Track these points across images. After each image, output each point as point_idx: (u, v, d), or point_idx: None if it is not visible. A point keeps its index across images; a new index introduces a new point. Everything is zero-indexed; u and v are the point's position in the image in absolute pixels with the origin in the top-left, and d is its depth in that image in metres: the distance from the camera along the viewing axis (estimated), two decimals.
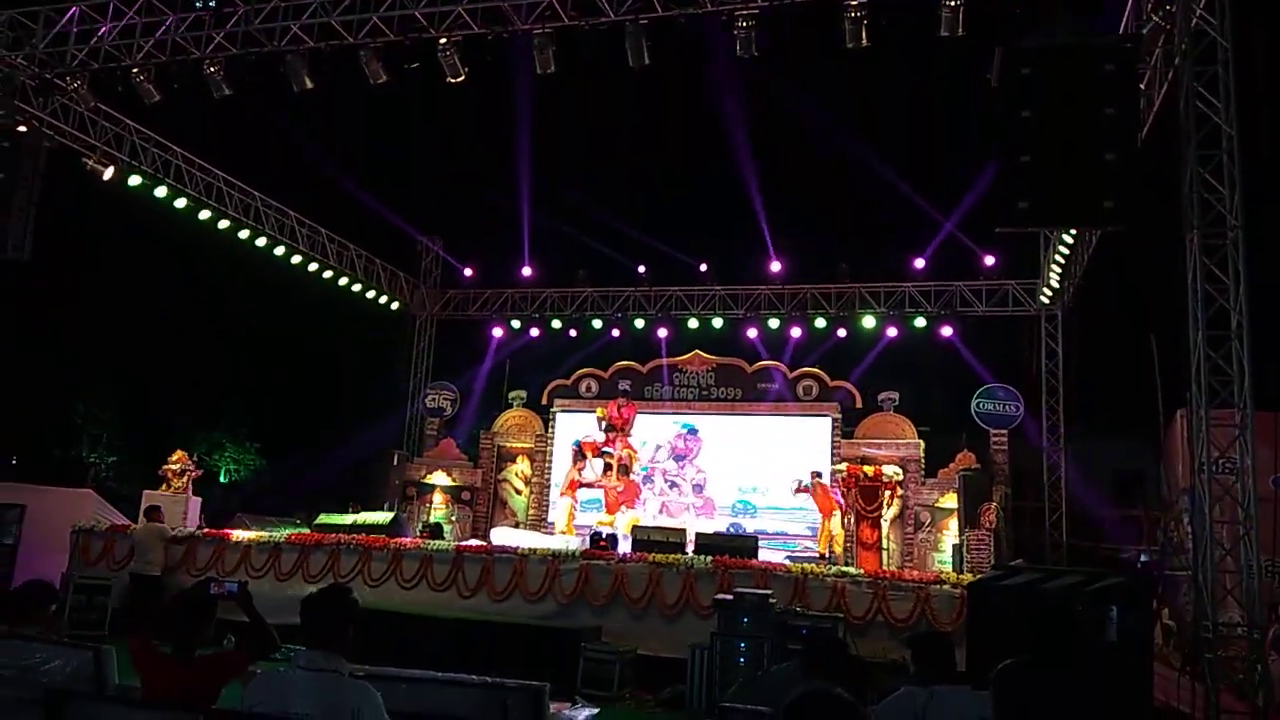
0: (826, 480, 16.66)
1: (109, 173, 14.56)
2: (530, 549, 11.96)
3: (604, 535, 13.70)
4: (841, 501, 16.18)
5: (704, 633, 9.77)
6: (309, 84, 12.02)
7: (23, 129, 13.11)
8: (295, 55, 11.88)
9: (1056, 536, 16.34)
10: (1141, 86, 10.12)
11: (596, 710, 6.02)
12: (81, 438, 26.55)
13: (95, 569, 12.71)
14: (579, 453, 17.16)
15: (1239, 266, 8.74)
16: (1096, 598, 5.54)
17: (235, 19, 12.02)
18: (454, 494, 19.24)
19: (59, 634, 6.01)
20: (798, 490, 16.29)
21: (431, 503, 18.97)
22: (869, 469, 16.35)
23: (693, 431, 18.79)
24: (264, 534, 13.15)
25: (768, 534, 16.49)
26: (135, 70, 12.49)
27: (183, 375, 25.53)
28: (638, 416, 17.56)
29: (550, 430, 19.37)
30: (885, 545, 16.01)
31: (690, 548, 12.62)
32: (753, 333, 18.93)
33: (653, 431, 18.36)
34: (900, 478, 16.63)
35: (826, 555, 15.17)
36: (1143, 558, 13.06)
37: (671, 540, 12.79)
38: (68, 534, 13.16)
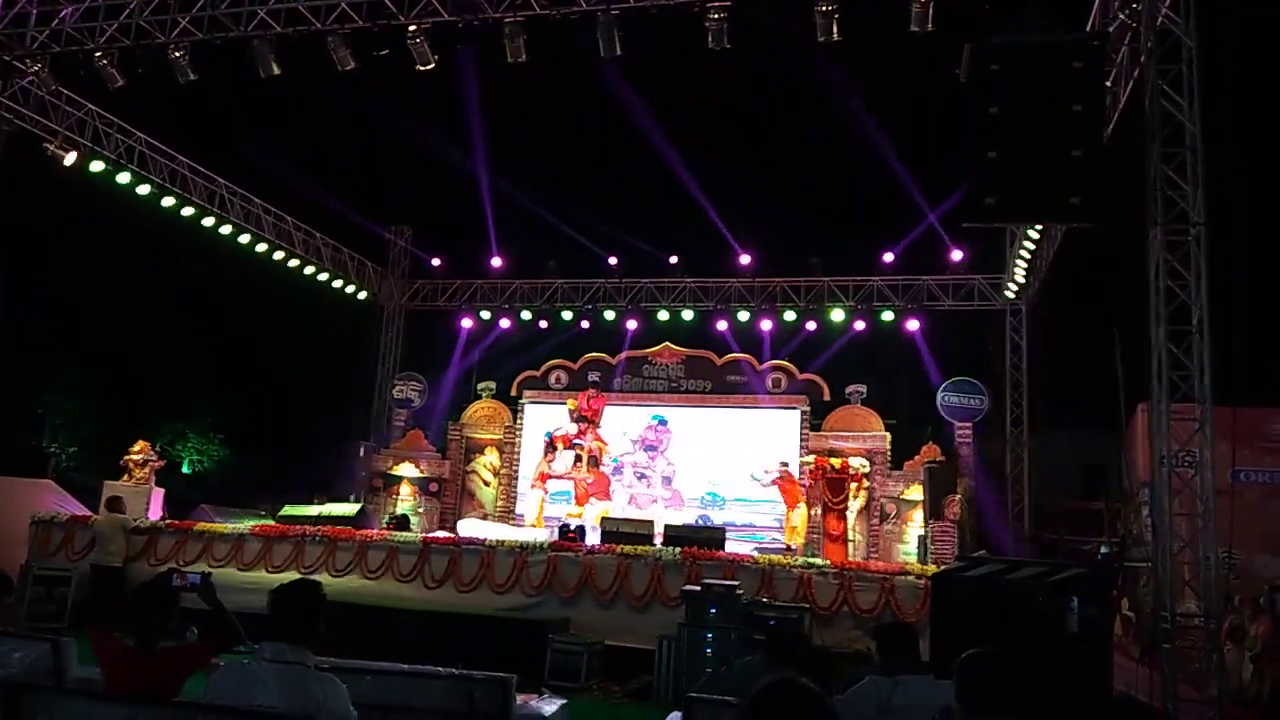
0: (795, 472, 16.76)
1: (70, 158, 14.30)
2: (498, 541, 11.94)
3: (572, 527, 13.72)
4: (805, 487, 16.33)
5: (671, 624, 9.82)
6: (276, 70, 11.87)
7: None
8: (262, 40, 11.72)
9: (1019, 528, 16.54)
10: (1108, 84, 10.24)
11: (564, 701, 6.02)
12: (42, 427, 26.12)
13: (54, 560, 12.55)
14: (550, 444, 17.14)
15: (1201, 263, 8.86)
16: (1058, 588, 5.61)
17: (201, 3, 11.84)
18: (421, 485, 19.13)
19: (17, 626, 5.92)
20: (771, 483, 16.37)
21: (399, 494, 18.85)
22: (836, 461, 16.47)
23: (663, 423, 18.81)
24: (228, 525, 13.01)
25: (736, 526, 16.56)
26: (98, 54, 12.27)
27: (146, 365, 25.15)
28: (607, 408, 17.58)
29: (519, 421, 19.32)
30: (851, 536, 16.14)
31: (659, 539, 12.66)
32: (723, 325, 18.95)
33: (621, 423, 18.37)
34: (866, 470, 16.76)
35: (792, 547, 15.27)
36: (1103, 549, 13.25)
37: (640, 532, 12.81)
38: (26, 525, 12.97)
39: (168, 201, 15.91)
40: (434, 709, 4.60)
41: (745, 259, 18.62)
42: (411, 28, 11.33)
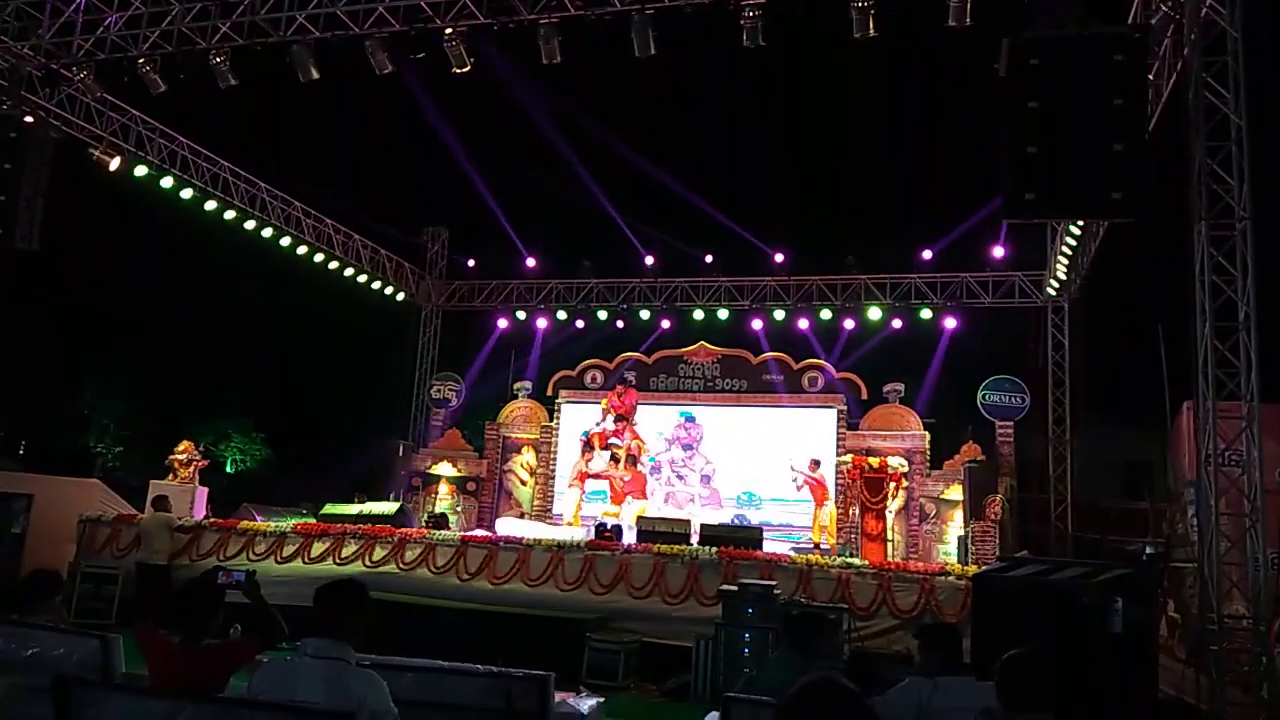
0: (830, 471, 16.67)
1: (115, 163, 14.57)
2: (535, 539, 11.99)
3: (609, 526, 13.72)
4: (840, 485, 16.31)
5: (709, 623, 9.80)
6: (314, 74, 12.01)
7: (29, 120, 13.10)
8: (301, 45, 11.86)
9: (1062, 528, 16.32)
10: (1150, 77, 10.07)
11: (601, 699, 6.04)
12: (89, 427, 26.65)
13: (101, 557, 12.78)
14: (587, 444, 17.18)
15: (1247, 258, 8.70)
16: (1102, 589, 5.53)
17: (241, 9, 11.99)
18: (459, 485, 19.26)
19: (65, 623, 6.04)
20: (802, 484, 16.32)
21: (437, 493, 18.99)
22: (874, 461, 16.34)
23: (691, 419, 18.79)
24: (270, 524, 13.19)
25: (772, 525, 16.47)
26: (141, 61, 12.49)
27: (189, 366, 25.58)
28: (643, 407, 17.58)
29: (555, 421, 19.38)
30: (890, 537, 16.00)
31: (695, 539, 12.63)
32: (758, 324, 18.90)
33: (655, 422, 18.36)
34: (905, 469, 16.62)
35: (821, 545, 15.21)
36: (1148, 550, 13.02)
37: (676, 531, 12.79)
38: (74, 523, 13.22)
39: (210, 205, 16.14)
40: (473, 705, 4.62)
41: (780, 258, 18.57)
42: (448, 31, 11.40)
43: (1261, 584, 8.37)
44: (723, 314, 19.04)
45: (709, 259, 19.10)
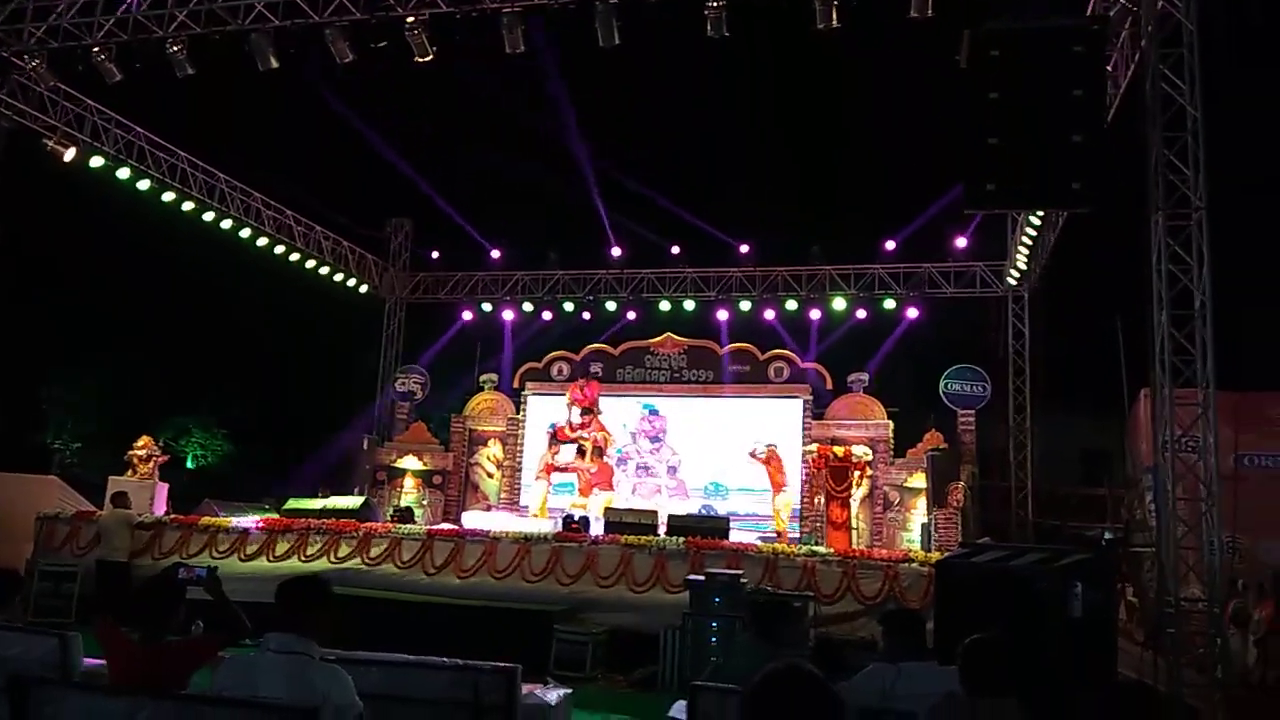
0: (795, 460, 16.79)
1: (70, 154, 14.28)
2: (502, 532, 11.96)
3: (576, 518, 13.71)
4: (806, 475, 16.42)
5: (676, 612, 9.83)
6: (274, 63, 11.84)
7: None
8: (259, 34, 11.67)
9: (1022, 515, 16.55)
10: (1109, 69, 10.20)
11: (568, 691, 6.04)
12: (46, 424, 26.16)
13: (60, 555, 12.58)
14: (553, 436, 17.14)
15: (1203, 247, 8.84)
16: (1062, 575, 5.60)
17: None
18: (425, 478, 19.16)
19: (23, 621, 5.94)
20: (763, 458, 16.43)
21: (402, 487, 18.89)
22: (839, 450, 16.44)
23: (654, 412, 18.82)
24: (232, 520, 13.04)
25: (739, 515, 16.56)
26: (95, 49, 12.23)
27: (149, 360, 25.19)
28: (608, 400, 17.58)
29: (522, 414, 19.32)
30: (854, 525, 16.13)
31: (662, 529, 12.66)
32: (724, 315, 18.96)
33: (620, 414, 18.37)
34: (869, 458, 16.75)
35: (785, 533, 15.35)
36: (1106, 535, 13.24)
37: (643, 522, 12.83)
38: (32, 521, 12.99)
39: (168, 196, 15.90)
40: (440, 699, 4.61)
41: (745, 249, 18.62)
42: (409, 19, 11.28)
43: (1216, 568, 8.53)
44: (689, 305, 19.07)
45: (675, 250, 19.11)
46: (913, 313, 17.99)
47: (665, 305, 19.06)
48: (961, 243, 17.53)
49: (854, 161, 22.35)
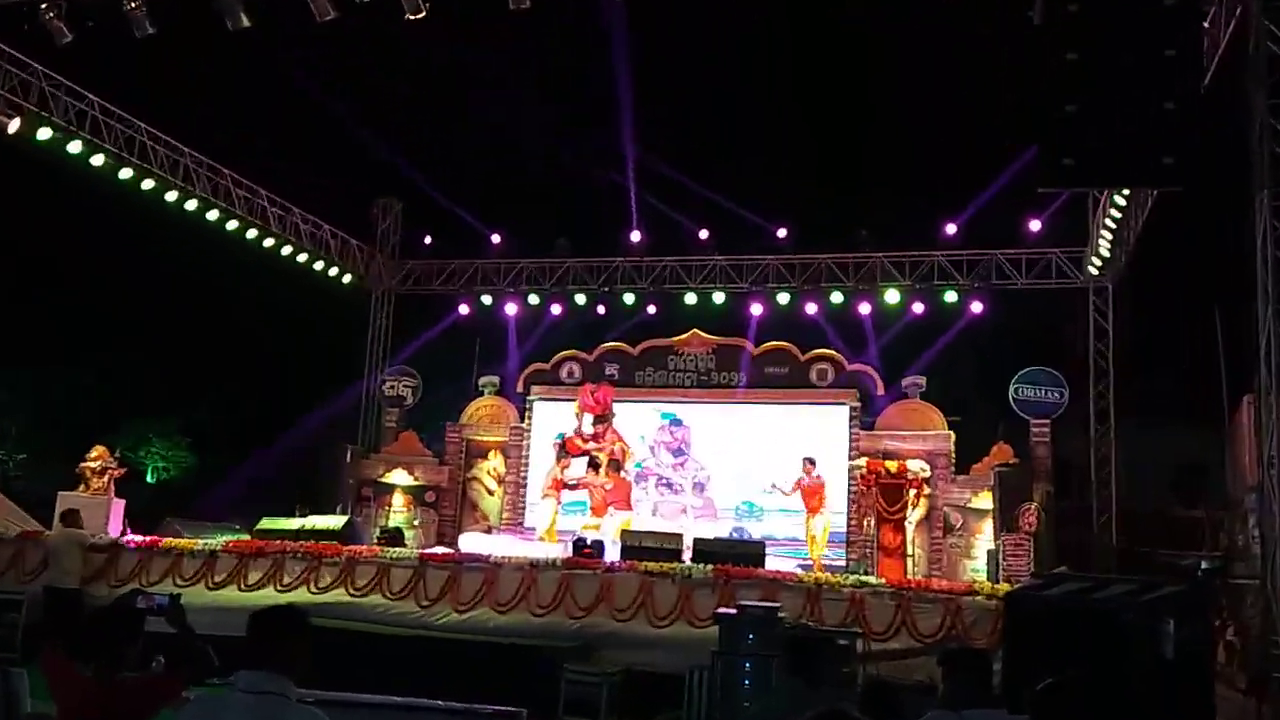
0: (840, 477, 16.72)
1: (14, 125, 14.40)
2: (504, 557, 12.00)
3: (589, 541, 13.73)
4: (855, 493, 16.34)
5: (703, 650, 9.82)
6: (245, 22, 11.91)
7: None
8: None
9: (1105, 541, 16.44)
10: (1206, 25, 10.11)
11: None
12: None
13: (3, 581, 12.70)
14: (562, 449, 17.14)
15: None
16: (1151, 609, 5.59)
17: None
18: (417, 495, 19.23)
19: None
20: (793, 489, 16.17)
21: (391, 505, 18.97)
22: (892, 465, 16.36)
23: (676, 422, 18.79)
24: (198, 541, 13.13)
25: (776, 540, 16.53)
26: (43, 5, 12.35)
27: (104, 362, 25.39)
28: (624, 404, 17.56)
29: (527, 421, 19.36)
30: (910, 551, 16.06)
31: (688, 555, 12.66)
32: (759, 309, 18.89)
33: (638, 423, 18.34)
34: (927, 474, 16.66)
35: (817, 562, 15.25)
36: (1203, 564, 13.15)
37: (666, 547, 12.84)
38: None
39: (125, 173, 16.00)
40: None
41: (783, 233, 18.57)
42: None
43: None
44: (719, 298, 19.07)
45: (704, 235, 19.07)
46: (977, 307, 17.91)
47: (691, 298, 19.07)
48: (1035, 226, 17.44)
49: (910, 133, 22.23)
